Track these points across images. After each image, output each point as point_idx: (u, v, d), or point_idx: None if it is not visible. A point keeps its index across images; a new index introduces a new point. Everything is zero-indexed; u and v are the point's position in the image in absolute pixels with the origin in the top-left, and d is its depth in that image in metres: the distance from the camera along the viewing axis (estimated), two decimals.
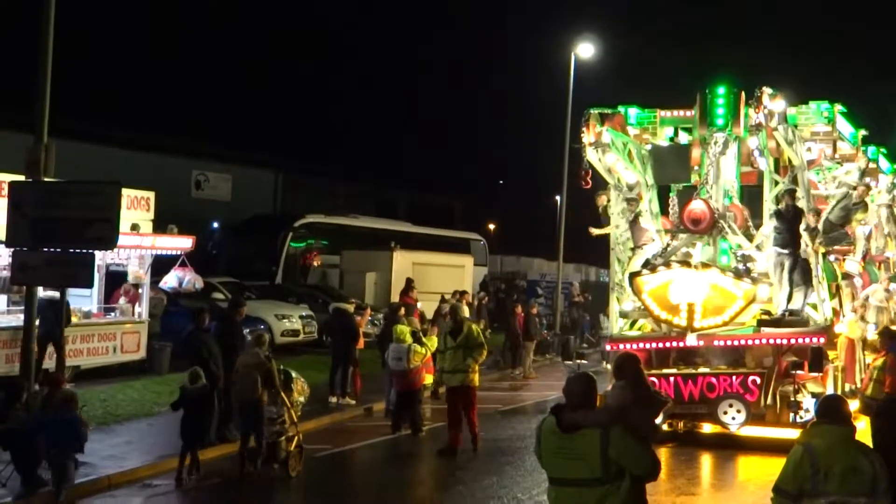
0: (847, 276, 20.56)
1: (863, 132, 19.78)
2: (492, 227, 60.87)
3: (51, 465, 11.86)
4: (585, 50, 34.08)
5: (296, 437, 13.51)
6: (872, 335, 20.06)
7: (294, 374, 13.91)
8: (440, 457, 15.23)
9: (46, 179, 14.80)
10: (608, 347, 18.17)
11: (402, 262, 31.63)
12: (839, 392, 16.43)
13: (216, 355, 14.67)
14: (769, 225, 17.03)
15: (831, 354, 17.19)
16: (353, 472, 15.19)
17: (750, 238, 17.35)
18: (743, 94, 16.70)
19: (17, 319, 16.87)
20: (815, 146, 18.53)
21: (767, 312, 16.70)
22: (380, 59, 64.83)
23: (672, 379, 16.41)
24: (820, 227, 18.11)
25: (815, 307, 16.85)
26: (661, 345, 17.06)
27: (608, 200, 18.44)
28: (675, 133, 18.60)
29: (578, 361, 18.69)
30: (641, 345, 16.99)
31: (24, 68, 15.41)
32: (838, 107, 17.60)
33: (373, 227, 38.75)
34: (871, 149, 20.98)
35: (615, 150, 17.53)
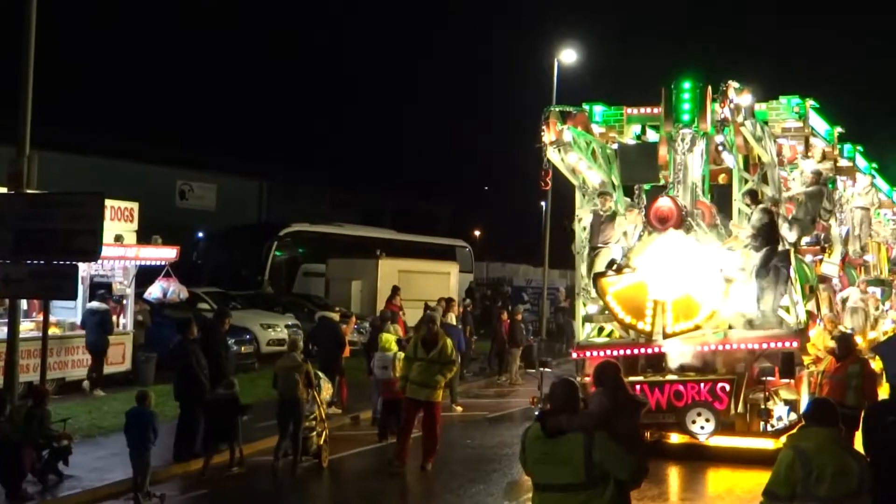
0: (824, 278, 20.08)
1: (838, 129, 19.37)
2: (477, 233, 60.93)
3: (130, 459, 12.67)
4: (569, 56, 34.18)
5: (324, 432, 14.80)
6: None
7: (321, 375, 15.25)
8: (390, 469, 14.67)
9: (29, 191, 14.76)
10: (574, 355, 17.59)
11: (388, 270, 31.60)
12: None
13: (204, 366, 14.68)
14: (743, 225, 16.27)
15: (806, 359, 16.47)
16: (341, 481, 15.13)
17: (720, 237, 16.53)
18: (710, 89, 15.99)
19: (2, 332, 16.80)
20: (787, 143, 18.03)
21: (741, 314, 15.86)
22: (365, 67, 64.87)
23: (638, 387, 15.31)
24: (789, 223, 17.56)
25: (787, 310, 16.23)
26: (629, 351, 16.17)
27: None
28: (643, 131, 17.98)
29: (542, 370, 18.10)
30: (609, 351, 16.10)
31: (5, 79, 15.35)
32: (810, 102, 17.06)
33: (358, 235, 38.76)
34: (847, 146, 20.65)
35: (577, 150, 16.94)
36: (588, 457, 6.69)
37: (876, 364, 18.81)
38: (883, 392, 18.94)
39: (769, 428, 14.87)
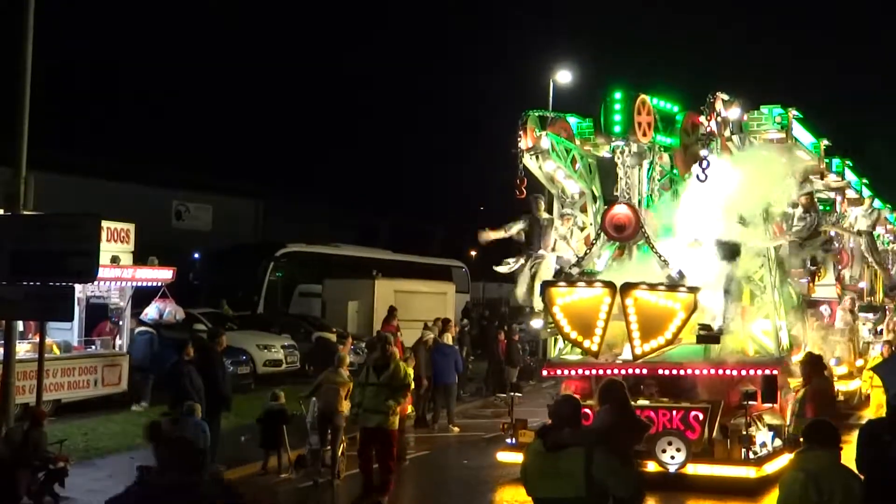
0: (813, 303, 19.34)
1: (825, 142, 18.43)
2: (473, 253, 60.90)
3: None
4: (564, 76, 34.31)
5: (342, 445, 15.11)
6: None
7: None
8: None
9: (25, 212, 14.77)
10: (544, 373, 16.95)
11: (384, 290, 31.57)
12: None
13: (199, 387, 14.66)
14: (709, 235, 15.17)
15: (793, 383, 15.38)
16: (339, 502, 15.09)
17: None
18: (644, 99, 14.60)
19: None
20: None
21: (706, 327, 14.79)
22: (362, 89, 65.05)
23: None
24: (786, 245, 17.03)
25: (769, 334, 15.53)
26: (601, 372, 15.07)
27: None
28: None
29: (513, 394, 17.81)
30: (582, 371, 15.49)
31: (2, 101, 15.39)
32: (793, 112, 16.18)
33: (354, 256, 38.73)
34: (836, 160, 19.81)
35: (556, 158, 15.98)
36: (588, 472, 6.70)
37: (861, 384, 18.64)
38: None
39: (751, 455, 13.86)
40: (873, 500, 7.41)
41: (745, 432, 14.01)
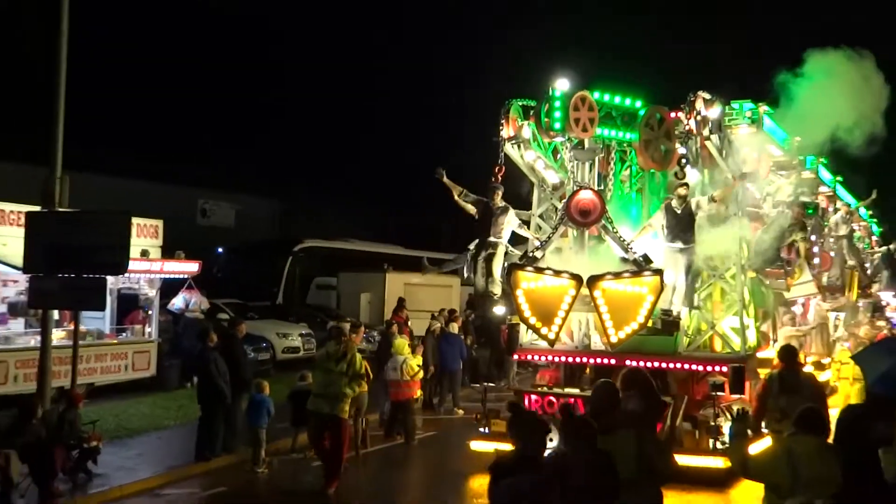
0: (787, 302, 18.97)
1: (797, 139, 17.58)
2: None
3: (250, 434, 14.44)
4: (562, 84, 34.14)
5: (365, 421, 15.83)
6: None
7: None
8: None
9: (61, 210, 14.78)
10: (515, 357, 16.36)
11: (395, 283, 31.55)
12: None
13: (224, 372, 14.70)
14: (658, 217, 14.78)
15: (762, 372, 14.54)
16: (349, 478, 15.09)
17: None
18: (583, 95, 13.91)
19: (35, 340, 16.84)
20: (751, 156, 16.20)
21: (667, 312, 14.29)
22: (374, 99, 64.96)
23: (573, 401, 13.77)
24: (753, 245, 16.38)
25: (737, 332, 14.77)
26: (571, 359, 14.73)
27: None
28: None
29: (486, 384, 17.58)
30: (552, 357, 14.88)
31: (40, 105, 15.38)
32: (763, 107, 15.37)
33: (367, 251, 38.67)
34: (810, 158, 19.03)
35: (536, 147, 15.18)
36: (640, 451, 6.66)
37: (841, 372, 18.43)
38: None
39: (719, 445, 13.09)
40: (851, 480, 7.39)
41: (713, 423, 13.49)
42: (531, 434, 6.39)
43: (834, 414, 16.69)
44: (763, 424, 11.59)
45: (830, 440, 7.96)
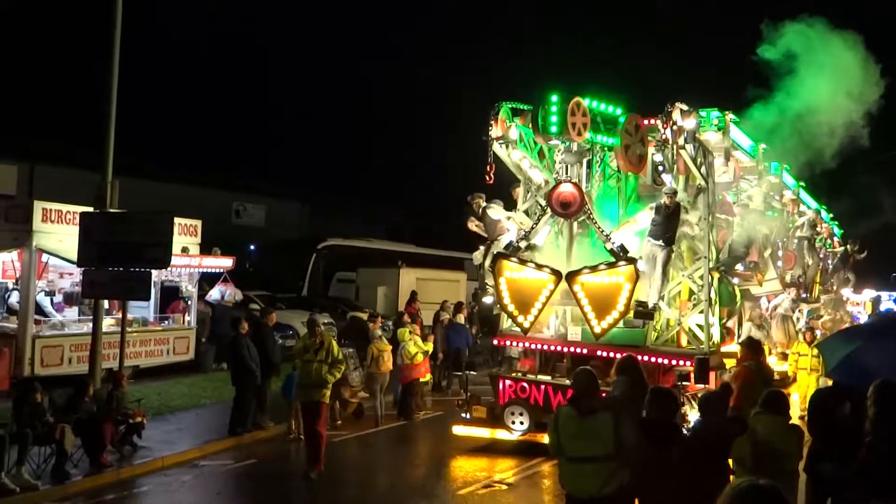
0: (754, 298, 18.68)
1: (763, 146, 17.13)
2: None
3: (287, 408, 14.50)
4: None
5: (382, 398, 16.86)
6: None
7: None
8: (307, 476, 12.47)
9: (111, 210, 14.92)
10: (495, 342, 15.99)
11: (408, 278, 31.60)
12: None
13: (255, 356, 14.81)
14: (644, 215, 14.41)
15: (729, 363, 14.26)
16: (369, 450, 15.20)
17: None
18: (578, 101, 13.44)
19: (87, 327, 16.98)
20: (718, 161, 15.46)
21: (642, 304, 13.87)
22: (391, 109, 64.96)
23: (543, 387, 13.59)
24: (725, 250, 16.12)
25: (702, 328, 14.27)
26: (549, 347, 14.33)
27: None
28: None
29: (468, 373, 17.40)
30: (529, 344, 14.46)
31: (95, 121, 15.53)
32: (730, 115, 14.81)
33: (383, 248, 38.70)
34: (774, 164, 18.64)
35: (523, 148, 14.70)
36: (616, 432, 6.73)
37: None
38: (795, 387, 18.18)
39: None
40: (822, 457, 7.45)
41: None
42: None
43: (795, 399, 16.52)
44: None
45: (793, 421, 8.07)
